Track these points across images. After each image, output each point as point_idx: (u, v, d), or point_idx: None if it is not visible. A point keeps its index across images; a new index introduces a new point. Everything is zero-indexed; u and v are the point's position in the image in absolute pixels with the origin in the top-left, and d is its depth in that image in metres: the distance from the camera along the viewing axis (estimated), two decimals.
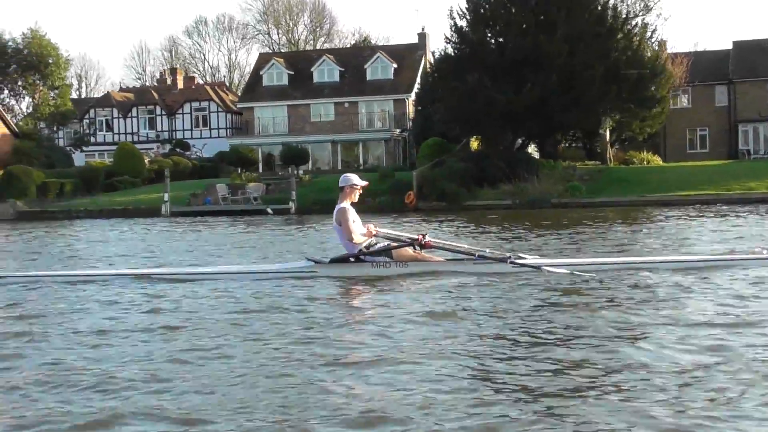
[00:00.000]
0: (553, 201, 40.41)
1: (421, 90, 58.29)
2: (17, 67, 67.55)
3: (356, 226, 11.68)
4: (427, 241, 11.51)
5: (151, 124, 73.51)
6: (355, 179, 11.99)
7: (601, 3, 44.70)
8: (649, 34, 48.31)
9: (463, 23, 46.35)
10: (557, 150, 48.61)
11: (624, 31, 44.82)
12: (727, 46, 65.83)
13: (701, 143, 63.29)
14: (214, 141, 68.66)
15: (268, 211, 42.63)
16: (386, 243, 11.74)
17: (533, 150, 50.96)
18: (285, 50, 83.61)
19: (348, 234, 11.55)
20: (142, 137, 71.11)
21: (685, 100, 63.08)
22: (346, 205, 11.74)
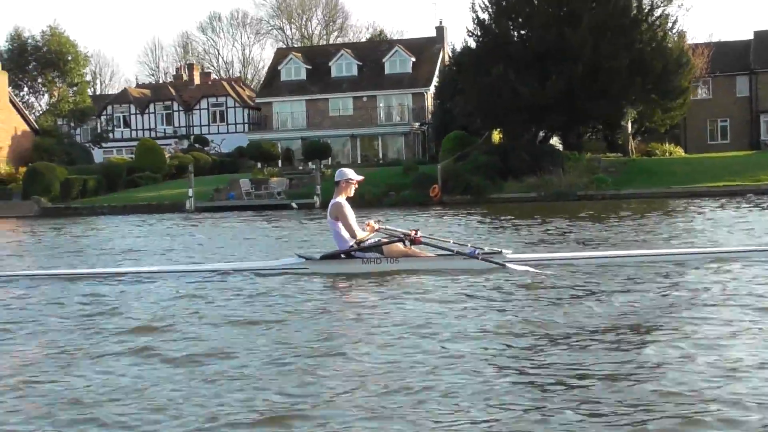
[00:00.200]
0: (579, 193, 40.31)
1: (441, 83, 58.20)
2: (37, 64, 67.72)
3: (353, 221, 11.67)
4: (418, 236, 11.42)
5: (168, 120, 73.52)
6: (351, 174, 11.93)
7: None
8: (669, 25, 48.11)
9: (485, 16, 46.30)
10: (581, 142, 48.39)
11: (648, 21, 44.65)
12: (747, 36, 65.62)
13: (722, 134, 63.03)
14: (232, 136, 68.71)
15: (293, 205, 42.61)
16: (377, 239, 11.64)
17: (556, 142, 50.77)
18: (298, 45, 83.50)
19: (349, 229, 11.47)
20: (160, 133, 71.11)
21: (706, 91, 62.80)
22: (342, 200, 11.63)
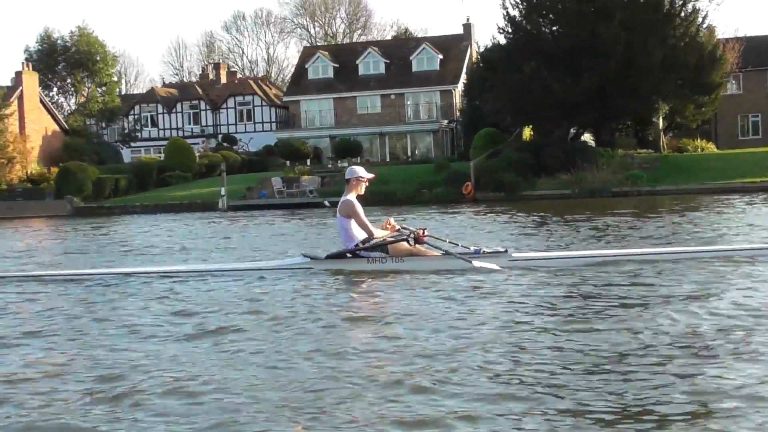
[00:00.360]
0: (614, 190, 40.18)
1: (470, 80, 58.10)
2: (66, 64, 68.08)
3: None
4: (423, 235, 11.36)
5: (196, 119, 73.64)
6: (362, 172, 11.86)
7: None
8: (700, 20, 47.83)
9: (516, 13, 46.23)
10: (614, 139, 48.19)
11: (681, 16, 44.43)
12: None
13: (753, 129, 62.56)
14: (259, 135, 68.77)
15: (326, 203, 42.54)
16: (382, 237, 11.53)
17: (589, 139, 50.61)
18: (321, 44, 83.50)
19: (363, 226, 11.38)
20: (187, 132, 71.25)
21: (736, 86, 62.33)
22: (352, 197, 11.56)
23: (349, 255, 11.48)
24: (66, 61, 67.97)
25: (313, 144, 61.16)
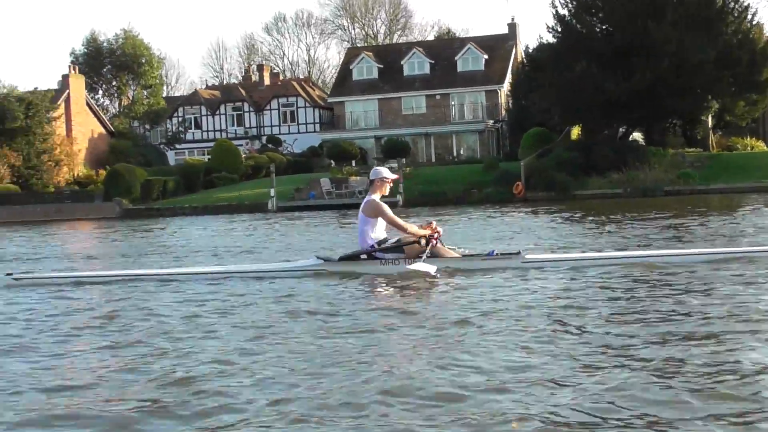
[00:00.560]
0: (666, 189, 39.86)
1: (516, 80, 57.88)
2: (111, 67, 68.59)
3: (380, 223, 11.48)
4: (435, 237, 11.18)
5: (239, 121, 73.77)
6: (386, 172, 11.74)
7: None
8: (749, 17, 47.33)
9: (565, 12, 45.95)
10: (665, 137, 47.79)
11: (734, 14, 43.98)
12: None
13: None
14: (303, 136, 68.84)
15: None
16: (397, 238, 11.35)
17: (638, 138, 50.22)
18: (362, 44, 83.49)
19: (394, 223, 11.27)
20: (230, 134, 71.39)
21: None
22: (377, 197, 11.49)
23: (364, 256, 11.34)
24: (112, 63, 68.55)
25: (358, 145, 61.14)
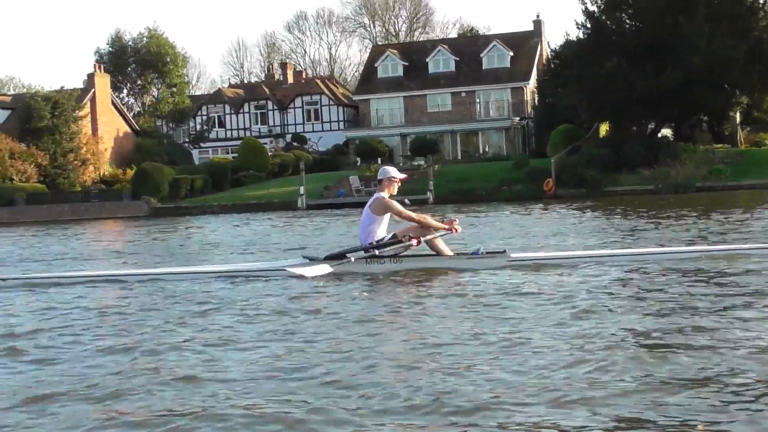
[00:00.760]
0: (698, 185, 39.67)
1: (542, 77, 57.71)
2: (136, 66, 68.66)
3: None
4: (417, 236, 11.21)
5: (263, 120, 73.68)
6: (394, 172, 11.91)
7: None
8: None
9: (594, 8, 45.73)
10: (695, 133, 47.51)
11: (765, 9, 43.71)
12: None
13: None
14: (328, 134, 68.79)
15: (406, 201, 42.09)
16: (390, 238, 11.43)
17: (667, 134, 49.96)
18: (383, 42, 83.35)
19: (404, 216, 11.33)
20: (254, 133, 71.26)
21: None
22: (386, 194, 11.56)
23: (350, 255, 11.33)
24: (136, 62, 68.62)
25: (384, 142, 61.08)
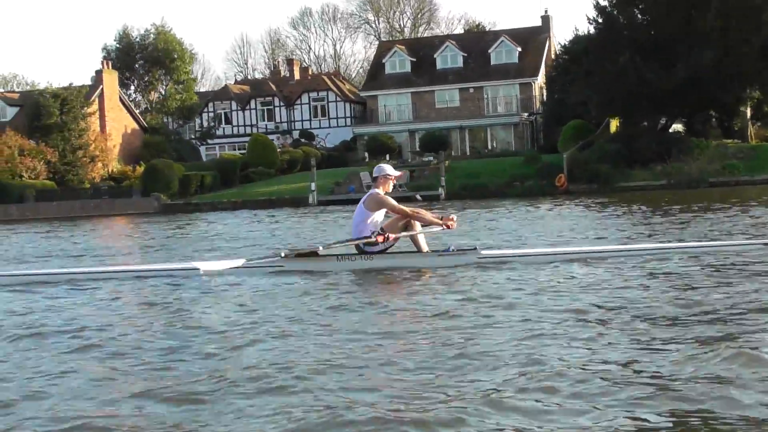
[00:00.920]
0: (711, 180, 39.59)
1: (551, 73, 57.61)
2: (143, 62, 68.54)
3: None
4: (389, 235, 11.24)
5: (270, 116, 73.58)
6: (389, 170, 11.95)
7: None
8: None
9: (605, 3, 45.62)
10: (707, 129, 47.41)
11: None
12: None
13: None
14: (335, 130, 68.74)
15: (417, 197, 42.39)
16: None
17: (679, 129, 49.88)
18: (387, 38, 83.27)
19: (397, 210, 11.37)
20: (261, 129, 71.14)
21: None
22: (380, 191, 11.59)
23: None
24: (144, 59, 68.49)
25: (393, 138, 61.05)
